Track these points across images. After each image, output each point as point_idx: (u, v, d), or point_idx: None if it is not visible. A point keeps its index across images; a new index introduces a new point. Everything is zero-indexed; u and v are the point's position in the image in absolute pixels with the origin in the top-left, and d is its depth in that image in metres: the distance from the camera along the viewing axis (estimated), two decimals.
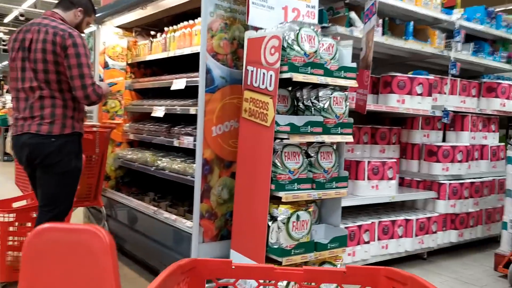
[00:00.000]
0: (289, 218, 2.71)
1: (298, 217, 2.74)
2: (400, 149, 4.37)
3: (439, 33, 4.14)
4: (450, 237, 4.26)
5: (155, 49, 3.99)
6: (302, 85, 2.92)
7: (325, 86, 2.89)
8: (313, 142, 2.92)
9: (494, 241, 4.84)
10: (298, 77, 2.68)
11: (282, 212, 2.71)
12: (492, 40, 4.75)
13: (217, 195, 3.04)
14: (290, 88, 2.95)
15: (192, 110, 3.27)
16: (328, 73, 2.82)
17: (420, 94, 3.97)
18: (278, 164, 2.74)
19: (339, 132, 2.88)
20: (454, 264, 4.11)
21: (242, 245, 2.89)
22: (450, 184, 4.16)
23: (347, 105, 2.93)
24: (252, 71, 2.83)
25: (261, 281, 1.10)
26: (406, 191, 4.10)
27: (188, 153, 3.62)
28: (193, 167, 3.19)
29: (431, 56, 4.20)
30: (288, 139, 2.71)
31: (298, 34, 2.74)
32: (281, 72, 2.67)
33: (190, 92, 3.42)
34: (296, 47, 2.73)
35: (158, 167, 3.68)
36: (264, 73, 2.74)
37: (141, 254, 3.66)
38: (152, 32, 4.35)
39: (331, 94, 2.86)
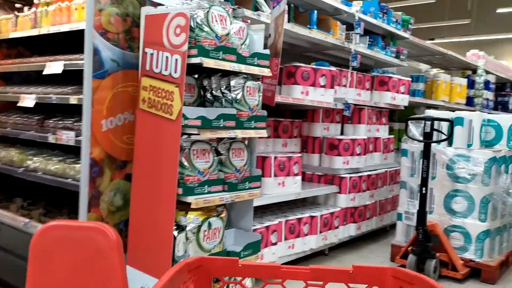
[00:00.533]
0: (199, 227, 2.33)
1: (210, 224, 2.38)
2: (301, 143, 4.22)
3: (340, 25, 4.05)
4: (349, 230, 4.25)
5: (21, 25, 3.26)
6: (209, 72, 2.53)
7: (236, 74, 2.55)
8: (223, 138, 2.56)
9: (385, 231, 4.99)
10: (209, 62, 2.30)
11: (191, 220, 2.32)
12: (382, 35, 4.85)
13: (108, 202, 2.53)
14: (196, 76, 2.55)
15: (73, 99, 2.68)
16: (241, 59, 2.48)
17: (323, 86, 3.84)
18: (186, 164, 2.34)
19: (252, 127, 2.57)
20: (354, 257, 4.10)
21: (141, 260, 2.44)
22: (350, 177, 4.12)
23: (260, 96, 2.63)
24: (151, 54, 2.38)
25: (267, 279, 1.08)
26: (308, 187, 3.96)
27: (67, 151, 3.01)
28: (75, 168, 2.63)
29: (332, 48, 4.11)
30: (198, 134, 2.31)
31: (208, 12, 2.35)
32: (189, 57, 2.26)
33: (68, 78, 2.83)
34: (206, 28, 2.34)
35: (28, 168, 3.01)
36: (167, 57, 2.30)
37: (10, 278, 2.97)
38: (18, 5, 3.59)
39: (244, 83, 2.53)
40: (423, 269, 3.54)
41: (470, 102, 6.99)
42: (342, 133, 4.50)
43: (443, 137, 3.63)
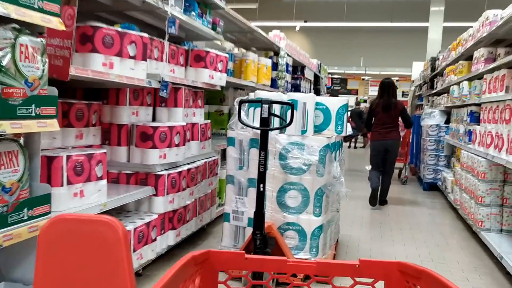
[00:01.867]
0: None
1: None
2: (101, 133, 3.18)
3: None
4: (168, 240, 3.42)
5: None
6: None
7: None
8: None
9: (203, 231, 4.32)
10: None
11: None
12: (197, 2, 4.08)
13: None
14: None
15: None
16: None
17: (133, 57, 2.88)
18: None
19: (33, 114, 1.50)
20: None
21: None
22: (169, 175, 3.28)
23: (45, 64, 1.57)
24: None
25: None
26: (115, 191, 2.97)
27: None
28: None
29: (141, 7, 3.15)
30: None
31: None
32: None
33: None
34: None
35: None
36: None
37: None
38: None
39: (16, 39, 1.44)
40: (261, 278, 2.97)
41: (274, 83, 6.86)
42: (154, 119, 3.60)
43: (285, 123, 3.10)
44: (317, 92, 11.97)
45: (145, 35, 2.99)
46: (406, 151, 8.50)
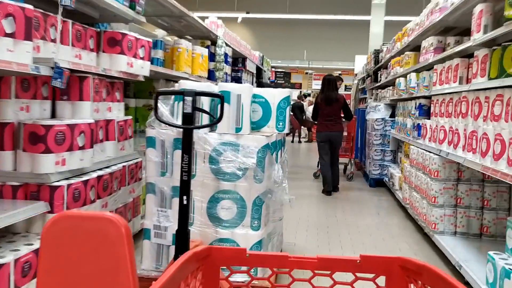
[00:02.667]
0: None
1: None
2: None
3: None
4: None
5: None
6: None
7: None
8: None
9: None
10: None
11: None
12: None
13: None
14: None
15: None
16: None
17: (11, 35, 2.19)
18: None
19: None
20: None
21: None
22: (69, 185, 2.62)
23: None
24: None
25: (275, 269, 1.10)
26: None
27: None
28: None
29: None
30: None
31: None
32: None
33: None
34: None
35: None
36: None
37: None
38: None
39: None
40: None
41: (212, 75, 6.27)
42: (54, 116, 2.91)
43: (216, 119, 2.53)
44: (260, 86, 11.50)
45: (30, 6, 2.31)
46: (351, 146, 8.21)
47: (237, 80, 8.65)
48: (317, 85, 20.43)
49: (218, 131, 2.78)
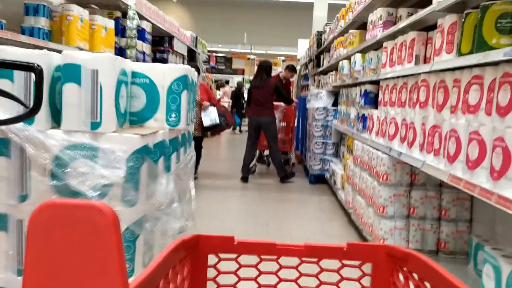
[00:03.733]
0: None
1: None
2: None
3: None
4: None
5: None
6: None
7: None
8: None
9: None
10: None
11: None
12: None
13: None
14: None
15: None
16: None
17: None
18: None
19: None
20: None
21: None
22: None
23: None
24: None
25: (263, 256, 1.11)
26: None
27: None
28: None
29: None
30: None
31: None
32: None
33: None
34: None
35: None
36: None
37: None
38: None
39: None
40: None
41: (121, 53, 5.18)
42: None
43: (29, 109, 1.52)
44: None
45: None
46: (290, 138, 7.39)
47: (162, 61, 7.57)
48: None
49: (64, 127, 1.79)
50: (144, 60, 5.88)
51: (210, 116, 5.73)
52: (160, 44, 7.69)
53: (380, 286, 1.08)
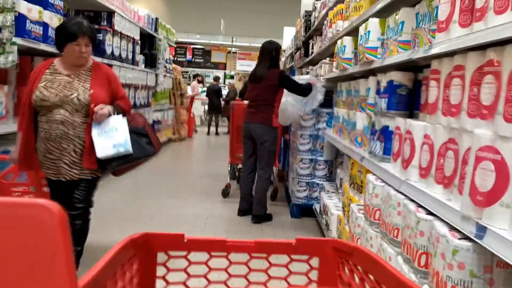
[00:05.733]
0: None
1: None
2: None
3: None
4: None
5: None
6: None
7: None
8: None
9: None
10: None
11: None
12: None
13: None
14: None
15: None
16: None
17: None
18: None
19: None
20: None
21: None
22: None
23: None
24: None
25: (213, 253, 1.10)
26: None
27: None
28: None
29: None
30: None
31: None
32: None
33: None
34: None
35: None
36: None
37: None
38: None
39: None
40: None
41: None
42: None
43: None
44: (153, 61, 8.48)
45: None
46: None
47: (99, 45, 5.62)
48: (241, 65, 17.52)
49: None
50: (45, 36, 3.93)
51: (114, 138, 2.67)
52: (95, 21, 5.73)
53: (326, 280, 1.11)
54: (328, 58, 4.39)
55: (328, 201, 3.72)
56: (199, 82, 14.09)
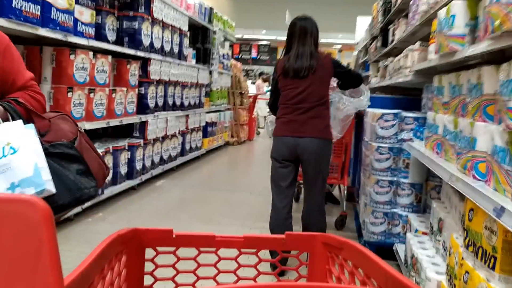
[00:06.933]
0: None
1: None
2: None
3: None
4: None
5: None
6: None
7: None
8: None
9: None
10: None
11: None
12: None
13: None
14: None
15: None
16: None
17: None
18: None
19: None
20: None
21: None
22: None
23: None
24: None
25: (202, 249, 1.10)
26: None
27: None
28: None
29: None
30: None
31: None
32: None
33: None
34: None
35: None
36: None
37: None
38: None
39: None
40: None
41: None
42: None
43: None
44: (206, 56, 7.60)
45: None
46: (343, 163, 4.33)
47: (129, 34, 4.79)
48: None
49: None
50: (76, 31, 3.09)
51: (10, 169, 1.24)
52: (130, 8, 4.90)
53: (316, 274, 1.11)
54: (418, 43, 3.16)
55: (419, 251, 2.51)
56: (264, 80, 13.15)
